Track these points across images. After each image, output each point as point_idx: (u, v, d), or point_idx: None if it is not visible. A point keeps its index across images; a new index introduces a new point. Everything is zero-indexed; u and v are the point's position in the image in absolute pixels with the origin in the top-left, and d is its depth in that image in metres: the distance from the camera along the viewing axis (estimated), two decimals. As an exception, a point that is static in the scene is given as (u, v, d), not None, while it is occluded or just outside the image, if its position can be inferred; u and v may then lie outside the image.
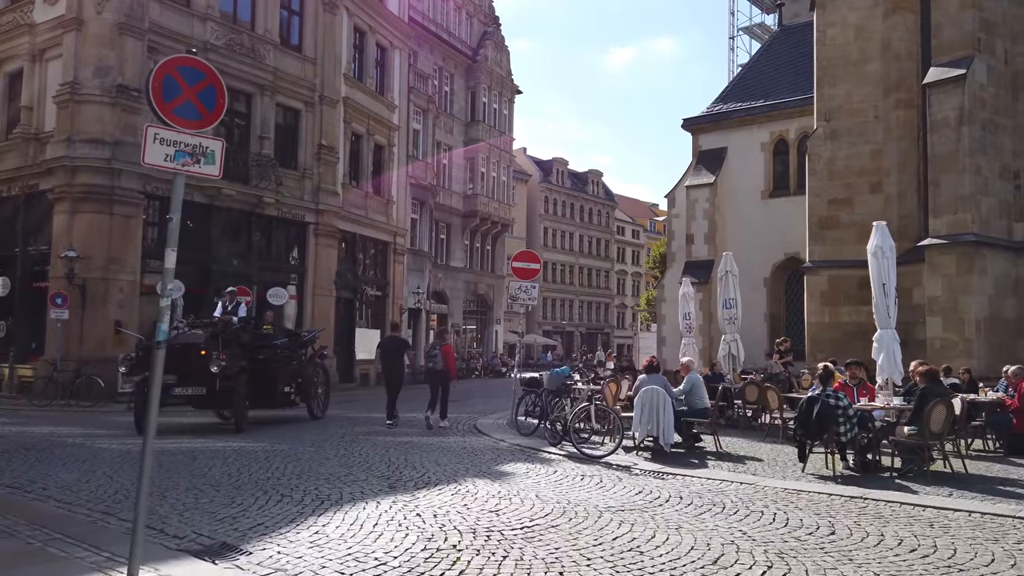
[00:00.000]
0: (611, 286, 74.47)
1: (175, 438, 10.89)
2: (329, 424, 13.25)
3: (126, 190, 18.26)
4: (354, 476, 7.75)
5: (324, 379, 15.07)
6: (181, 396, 11.70)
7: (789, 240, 23.84)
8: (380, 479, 7.61)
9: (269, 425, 12.80)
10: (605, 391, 11.09)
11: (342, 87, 24.92)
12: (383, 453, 9.52)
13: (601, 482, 7.66)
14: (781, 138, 24.99)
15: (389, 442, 10.68)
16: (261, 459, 8.81)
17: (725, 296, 15.49)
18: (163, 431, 11.24)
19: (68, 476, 7.45)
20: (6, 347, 19.05)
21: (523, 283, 13.88)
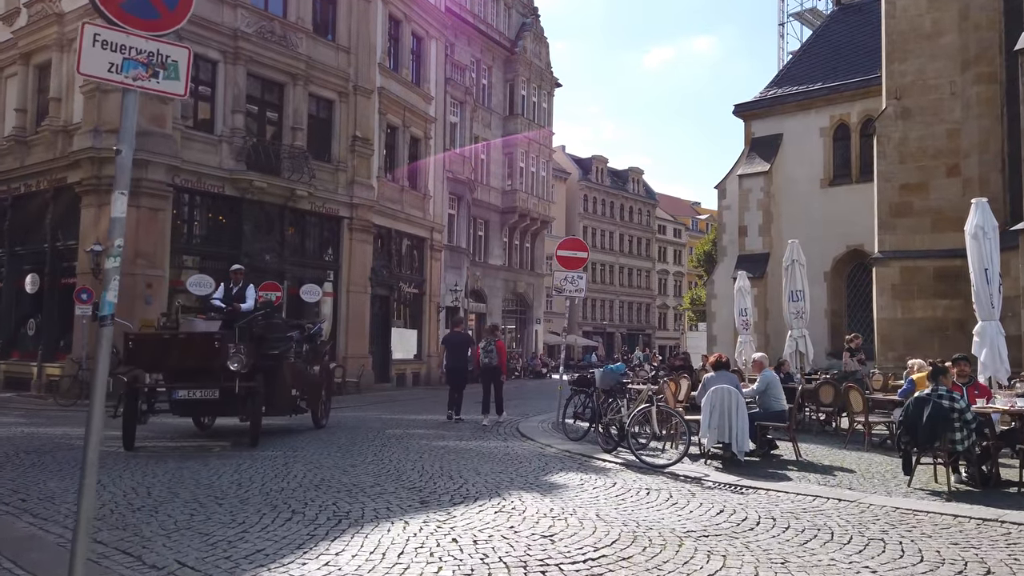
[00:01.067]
0: (652, 286, 72.68)
1: (191, 439, 9.98)
2: (360, 426, 12.25)
3: (154, 182, 17.59)
4: (381, 487, 6.68)
5: (329, 381, 12.85)
6: (186, 401, 9.21)
7: (851, 231, 22.22)
8: (411, 492, 6.52)
9: (295, 430, 11.82)
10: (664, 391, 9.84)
11: (377, 77, 24.06)
12: (416, 460, 8.44)
13: (671, 498, 6.45)
14: (842, 122, 23.34)
15: (424, 447, 9.60)
16: (279, 465, 7.82)
17: (792, 288, 14.09)
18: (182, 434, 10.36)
19: (57, 485, 6.53)
20: (35, 345, 18.58)
21: (569, 273, 12.71)
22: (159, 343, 9.42)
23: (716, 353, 9.43)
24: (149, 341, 9.59)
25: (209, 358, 9.02)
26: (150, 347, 9.33)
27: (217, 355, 9.00)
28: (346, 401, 18.31)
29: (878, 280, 18.45)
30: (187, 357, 9.16)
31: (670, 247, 77.21)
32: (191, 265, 19.08)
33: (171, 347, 9.18)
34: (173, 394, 9.14)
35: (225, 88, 19.48)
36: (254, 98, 20.46)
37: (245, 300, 10.36)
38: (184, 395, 9.16)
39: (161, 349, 9.22)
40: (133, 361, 9.18)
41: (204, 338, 9.22)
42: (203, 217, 19.72)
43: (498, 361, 12.76)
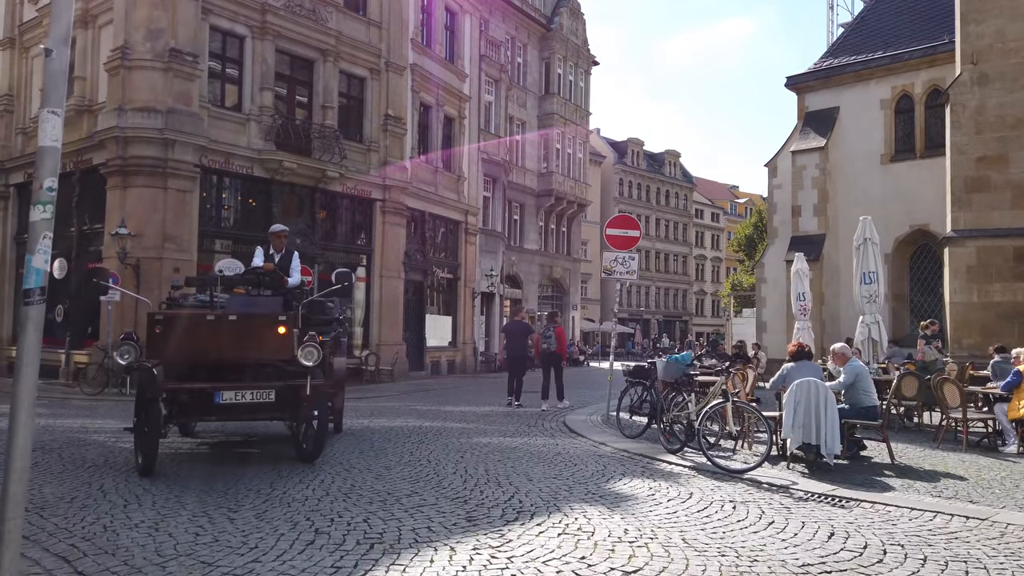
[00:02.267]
0: (689, 272, 71.00)
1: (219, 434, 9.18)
2: (395, 419, 11.37)
3: (180, 163, 16.90)
4: (420, 497, 5.76)
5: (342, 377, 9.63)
6: (231, 406, 6.82)
7: (916, 210, 20.74)
8: (454, 504, 5.58)
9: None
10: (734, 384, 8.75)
11: (409, 53, 23.10)
12: (457, 461, 7.51)
13: (764, 515, 5.42)
14: (904, 93, 21.76)
15: (464, 445, 8.67)
16: (303, 467, 6.95)
17: (864, 269, 12.84)
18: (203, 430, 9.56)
19: (54, 491, 5.73)
20: (63, 332, 18.10)
21: (620, 254, 11.65)
22: (199, 327, 6.78)
23: (796, 341, 8.31)
24: (185, 325, 6.84)
25: (270, 348, 6.94)
26: (186, 333, 6.74)
27: (282, 344, 6.90)
28: (380, 390, 17.53)
29: (951, 261, 17.01)
30: (238, 347, 6.85)
31: (707, 232, 75.33)
32: (220, 249, 18.42)
33: (217, 333, 6.74)
34: (215, 397, 6.67)
35: (253, 65, 18.70)
36: (283, 75, 19.66)
37: (290, 273, 8.07)
38: (230, 398, 6.69)
39: (202, 336, 6.74)
40: (159, 352, 6.64)
41: (266, 321, 6.98)
42: (232, 199, 19.03)
43: (557, 347, 12.91)
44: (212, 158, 17.62)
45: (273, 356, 7.07)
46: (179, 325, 6.82)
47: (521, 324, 14.36)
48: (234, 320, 6.84)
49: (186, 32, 17.21)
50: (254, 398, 6.86)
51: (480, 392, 17.69)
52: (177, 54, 16.93)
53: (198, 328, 6.79)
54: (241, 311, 7.09)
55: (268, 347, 6.99)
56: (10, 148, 20.40)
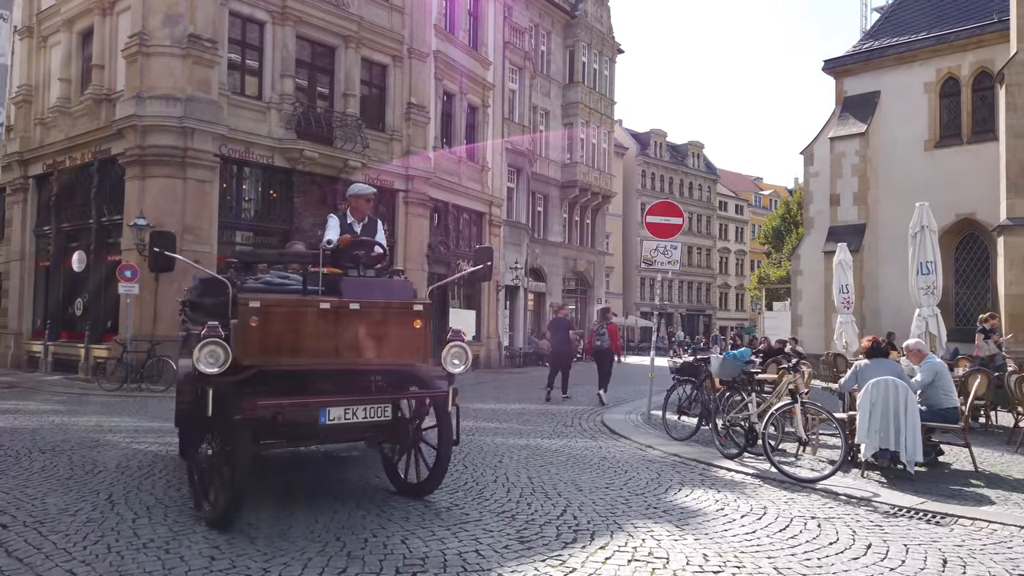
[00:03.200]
0: (713, 265, 69.84)
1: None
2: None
3: (200, 152, 16.42)
4: (462, 511, 5.15)
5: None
6: (340, 428, 5.08)
7: (962, 198, 19.80)
8: (501, 520, 4.96)
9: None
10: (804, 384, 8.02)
11: (433, 39, 22.46)
12: (496, 466, 6.89)
13: (856, 536, 4.74)
14: (950, 76, 20.79)
15: (502, 447, 8.06)
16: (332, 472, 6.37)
17: (922, 259, 12.02)
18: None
19: (56, 502, 5.19)
20: (82, 326, 17.75)
21: (661, 243, 10.96)
22: (312, 320, 4.92)
23: (871, 336, 7.58)
24: (295, 316, 4.91)
25: (401, 348, 5.21)
26: (294, 327, 4.87)
27: (416, 343, 5.24)
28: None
29: (1007, 251, 16.13)
30: (359, 346, 5.04)
31: (732, 224, 74.05)
32: (241, 241, 17.96)
33: (334, 327, 4.93)
34: (320, 416, 4.92)
35: (273, 51, 18.17)
36: (304, 62, 19.11)
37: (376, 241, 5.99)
38: (339, 417, 4.96)
39: (315, 332, 4.92)
40: (253, 353, 4.72)
41: (400, 312, 5.22)
42: (252, 190, 18.54)
43: (610, 344, 13.24)
44: (232, 147, 17.13)
45: (404, 358, 5.29)
46: (286, 316, 4.82)
47: (564, 321, 15.04)
48: (357, 310, 4.98)
49: (205, 17, 16.70)
50: (367, 416, 5.04)
51: (508, 388, 17.10)
52: (196, 40, 16.43)
53: (311, 321, 4.88)
54: (366, 298, 5.12)
55: (399, 347, 5.18)
56: (29, 138, 20.08)
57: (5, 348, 20.47)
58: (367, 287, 5.31)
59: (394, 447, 5.71)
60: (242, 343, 4.68)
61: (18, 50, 20.82)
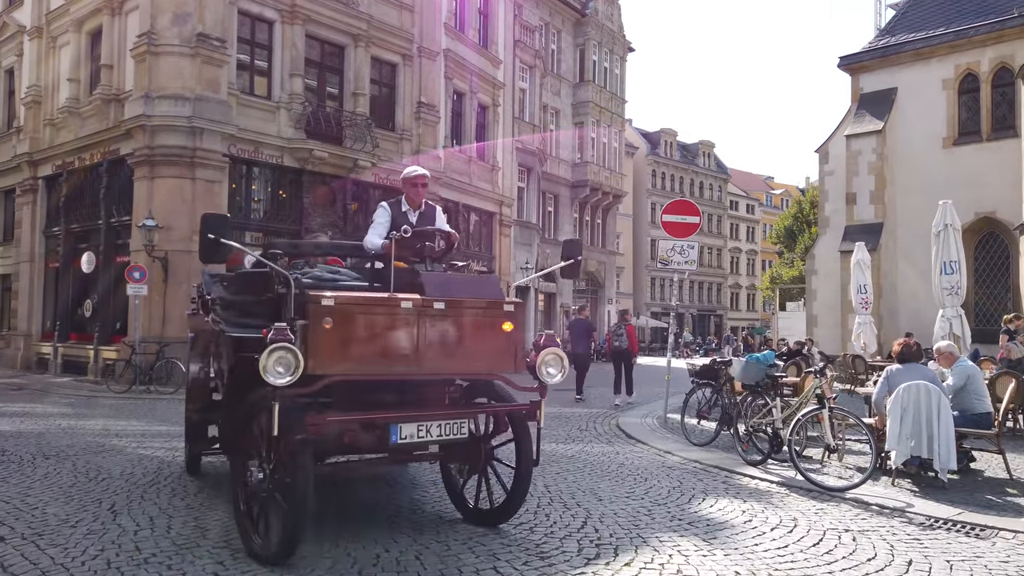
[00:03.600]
0: (724, 265, 69.36)
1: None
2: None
3: (209, 152, 16.29)
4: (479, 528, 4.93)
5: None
6: (411, 447, 4.51)
7: (981, 196, 19.46)
8: (520, 533, 4.74)
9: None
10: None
11: (443, 38, 22.29)
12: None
13: (894, 551, 4.49)
14: (969, 72, 20.44)
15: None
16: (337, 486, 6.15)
17: (945, 258, 11.71)
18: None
19: (58, 511, 5.01)
20: (91, 327, 17.65)
21: (677, 242, 10.71)
22: (393, 321, 4.18)
23: (903, 339, 7.31)
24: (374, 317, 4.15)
25: (491, 355, 4.47)
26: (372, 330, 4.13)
27: (507, 348, 4.49)
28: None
29: (1029, 251, 15.79)
30: (442, 352, 4.33)
31: (743, 224, 73.54)
32: (250, 241, 17.79)
33: (416, 329, 4.21)
34: (391, 433, 4.23)
35: (282, 50, 18.03)
36: (313, 61, 18.97)
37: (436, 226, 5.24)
38: (411, 435, 4.27)
39: (394, 335, 4.18)
40: (327, 360, 3.97)
41: (489, 312, 4.47)
42: (261, 190, 18.40)
43: (628, 345, 13.24)
44: (241, 147, 17.01)
45: (493, 367, 4.54)
46: (364, 317, 4.07)
47: (585, 323, 15.11)
48: (442, 310, 4.26)
49: (213, 16, 16.58)
50: (442, 433, 4.37)
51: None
52: (204, 39, 16.30)
53: (390, 323, 4.13)
54: (450, 296, 4.36)
55: (488, 353, 4.45)
56: (39, 139, 20.02)
57: (15, 350, 20.43)
58: (450, 284, 4.49)
59: (462, 468, 5.03)
60: (313, 348, 3.87)
61: (27, 51, 20.78)
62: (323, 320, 3.93)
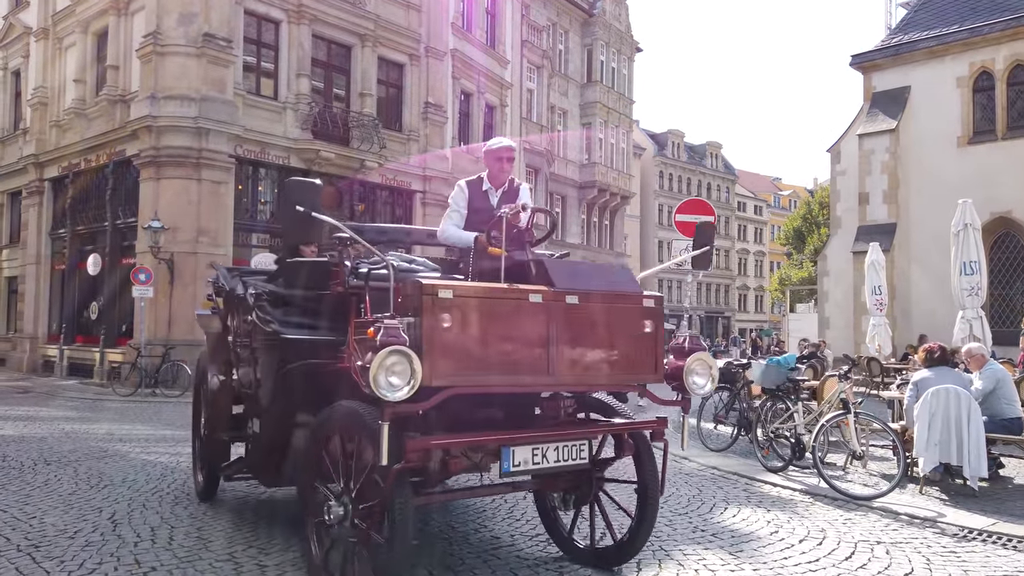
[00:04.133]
0: (732, 266, 69.04)
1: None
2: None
3: (215, 152, 16.16)
4: (491, 532, 4.74)
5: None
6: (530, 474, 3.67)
7: (997, 196, 19.12)
8: (536, 545, 4.55)
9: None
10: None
11: (450, 38, 22.13)
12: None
13: (931, 564, 4.27)
14: (984, 70, 20.12)
15: (527, 458, 7.61)
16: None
17: (964, 258, 11.48)
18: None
19: (56, 521, 4.83)
20: (97, 330, 17.54)
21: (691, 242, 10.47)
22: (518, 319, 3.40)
23: (930, 343, 7.06)
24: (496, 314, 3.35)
25: (629, 360, 3.68)
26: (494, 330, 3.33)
27: (646, 353, 3.72)
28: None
29: (1048, 251, 15.49)
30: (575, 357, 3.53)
31: (750, 225, 73.19)
32: (257, 243, 17.68)
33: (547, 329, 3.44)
34: (503, 460, 3.44)
35: (289, 50, 17.90)
36: (320, 62, 18.84)
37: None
38: (525, 461, 3.49)
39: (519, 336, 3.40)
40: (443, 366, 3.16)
41: (627, 309, 3.70)
42: (268, 191, 18.26)
43: None
44: (247, 148, 16.88)
45: (633, 375, 3.71)
46: (488, 313, 3.28)
47: None
48: (575, 305, 3.47)
49: (219, 16, 16.46)
50: (560, 458, 3.54)
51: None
52: (211, 39, 16.18)
53: (517, 321, 3.35)
54: (582, 287, 3.56)
55: (627, 358, 3.64)
56: (45, 141, 19.95)
57: (21, 352, 20.36)
58: (578, 273, 3.75)
59: (568, 497, 4.12)
60: (429, 353, 3.05)
61: (34, 52, 20.72)
62: (441, 317, 3.11)
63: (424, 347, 3.05)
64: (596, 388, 3.91)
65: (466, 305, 3.22)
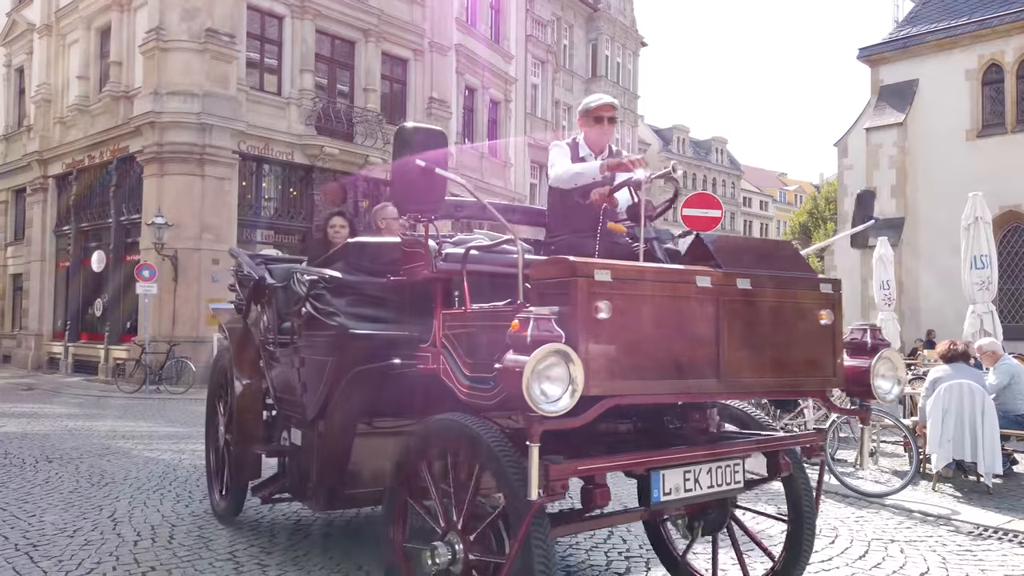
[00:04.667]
0: (738, 262, 68.72)
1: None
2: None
3: (218, 148, 16.11)
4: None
5: None
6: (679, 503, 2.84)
7: (1006, 189, 18.94)
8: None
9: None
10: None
11: (454, 33, 22.02)
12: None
13: (948, 564, 4.18)
14: (993, 62, 19.93)
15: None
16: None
17: (975, 252, 11.30)
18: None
19: (56, 519, 4.77)
20: (102, 327, 17.53)
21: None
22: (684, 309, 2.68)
23: (948, 340, 6.93)
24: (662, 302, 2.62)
25: (808, 362, 2.94)
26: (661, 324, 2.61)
27: (825, 352, 2.97)
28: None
29: (1059, 245, 15.32)
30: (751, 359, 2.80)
31: (756, 220, 72.91)
32: (261, 240, 17.63)
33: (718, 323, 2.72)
34: (653, 487, 2.69)
35: (292, 46, 17.82)
36: (323, 57, 18.76)
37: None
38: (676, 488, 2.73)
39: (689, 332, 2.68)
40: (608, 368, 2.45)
41: (805, 294, 2.96)
42: (272, 187, 18.20)
43: None
44: (251, 144, 16.82)
45: (815, 379, 3.00)
46: (654, 302, 2.62)
47: None
48: (748, 291, 2.80)
49: (223, 12, 16.39)
50: (714, 484, 2.84)
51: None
52: (214, 35, 16.12)
53: (685, 311, 2.70)
54: (749, 269, 2.86)
55: (806, 357, 2.94)
56: (48, 138, 19.93)
57: (26, 350, 20.38)
58: (742, 251, 3.00)
59: (695, 524, 3.38)
60: (584, 352, 2.36)
61: (37, 49, 20.70)
62: (595, 306, 2.40)
63: (580, 346, 2.36)
64: (770, 396, 3.27)
65: (626, 291, 2.49)
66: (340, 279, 3.49)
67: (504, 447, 2.44)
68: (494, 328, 2.51)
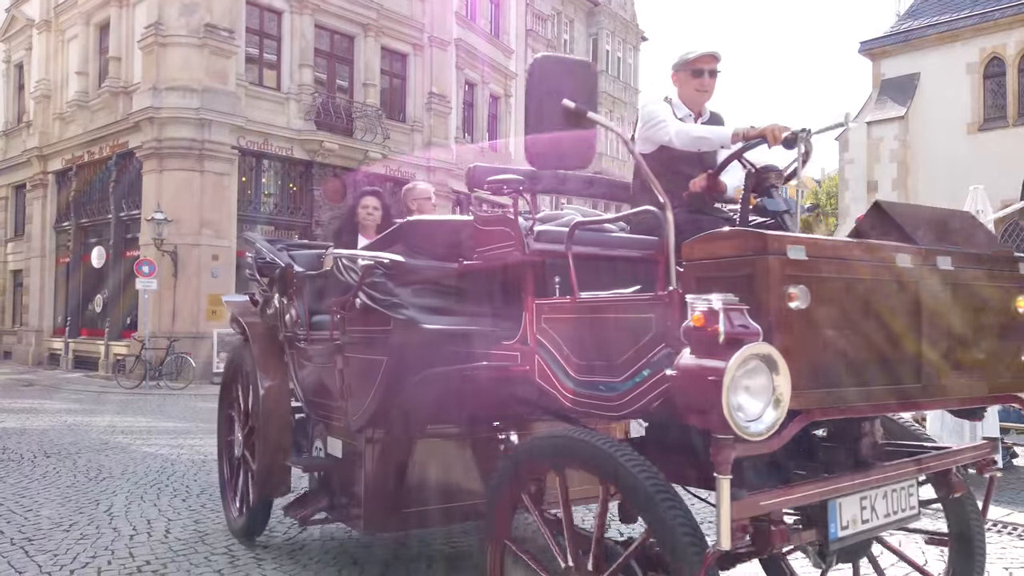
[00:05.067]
0: (740, 257, 68.70)
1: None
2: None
3: (217, 144, 16.09)
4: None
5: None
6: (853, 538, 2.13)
7: (1008, 184, 18.83)
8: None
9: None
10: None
11: (454, 28, 21.96)
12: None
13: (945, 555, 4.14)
14: (994, 56, 19.88)
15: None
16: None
17: (976, 246, 11.26)
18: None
19: (52, 514, 4.77)
20: (102, 322, 17.55)
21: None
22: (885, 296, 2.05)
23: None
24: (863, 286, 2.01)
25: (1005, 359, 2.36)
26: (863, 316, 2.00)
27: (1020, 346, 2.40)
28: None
29: (1062, 239, 15.30)
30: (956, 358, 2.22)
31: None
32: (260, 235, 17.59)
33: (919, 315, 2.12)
34: (830, 522, 2.04)
35: (291, 41, 17.79)
36: (323, 52, 18.72)
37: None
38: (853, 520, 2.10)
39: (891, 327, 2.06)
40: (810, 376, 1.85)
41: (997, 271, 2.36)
42: (271, 183, 18.18)
43: None
44: (250, 139, 16.80)
45: (1007, 379, 2.40)
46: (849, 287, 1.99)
47: None
48: (949, 271, 2.22)
49: (222, 7, 16.35)
50: (891, 511, 2.25)
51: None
52: (212, 30, 16.08)
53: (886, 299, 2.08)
54: (945, 244, 2.30)
55: (1005, 352, 2.39)
56: (48, 134, 19.93)
57: (26, 346, 20.41)
58: (933, 221, 2.43)
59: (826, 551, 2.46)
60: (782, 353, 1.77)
61: (36, 45, 20.68)
62: (790, 294, 1.83)
63: (777, 346, 1.78)
64: (969, 402, 2.48)
65: (824, 272, 1.93)
66: (405, 264, 2.92)
67: (660, 484, 1.87)
68: (618, 322, 2.07)
